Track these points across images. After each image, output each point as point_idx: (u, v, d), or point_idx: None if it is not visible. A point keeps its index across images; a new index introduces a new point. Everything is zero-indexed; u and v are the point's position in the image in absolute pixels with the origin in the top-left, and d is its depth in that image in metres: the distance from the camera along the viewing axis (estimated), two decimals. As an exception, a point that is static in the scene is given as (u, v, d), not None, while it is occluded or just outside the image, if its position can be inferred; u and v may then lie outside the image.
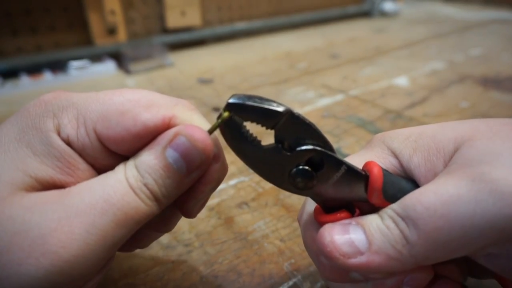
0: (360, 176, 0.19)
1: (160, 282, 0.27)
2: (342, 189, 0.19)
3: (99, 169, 0.19)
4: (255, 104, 0.17)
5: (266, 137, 0.19)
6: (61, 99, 0.18)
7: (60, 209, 0.16)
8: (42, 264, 0.15)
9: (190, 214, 0.21)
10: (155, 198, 0.18)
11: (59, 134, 0.18)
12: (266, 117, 0.17)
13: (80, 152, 0.18)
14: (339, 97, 0.59)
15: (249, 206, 0.34)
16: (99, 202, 0.16)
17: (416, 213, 0.16)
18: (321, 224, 0.20)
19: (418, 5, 1.39)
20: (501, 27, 1.02)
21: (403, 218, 0.17)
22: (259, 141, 0.19)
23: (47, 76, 0.69)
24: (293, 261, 0.28)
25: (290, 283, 0.26)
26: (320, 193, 0.19)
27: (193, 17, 0.88)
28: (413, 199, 0.17)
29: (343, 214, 0.19)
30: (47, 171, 0.17)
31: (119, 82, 0.69)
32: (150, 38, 0.83)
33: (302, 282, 0.26)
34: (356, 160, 0.20)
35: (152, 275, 0.27)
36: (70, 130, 0.18)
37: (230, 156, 0.22)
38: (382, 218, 0.18)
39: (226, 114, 0.17)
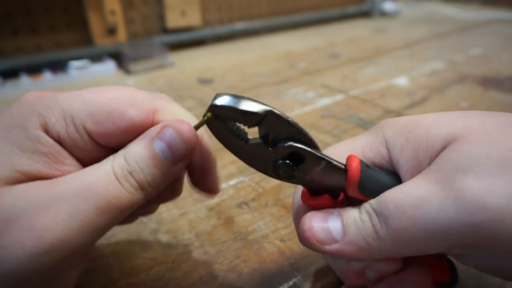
0: (340, 170, 0.20)
1: (161, 281, 0.27)
2: (324, 179, 0.20)
3: (90, 163, 0.20)
4: (236, 107, 0.19)
5: (253, 129, 0.20)
6: (44, 99, 0.19)
7: (46, 196, 0.17)
8: (28, 247, 0.16)
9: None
10: (141, 187, 0.19)
11: (47, 132, 0.18)
12: (247, 118, 0.19)
13: (71, 148, 0.19)
14: (339, 97, 0.59)
15: (249, 206, 0.34)
16: (83, 189, 0.17)
17: (388, 211, 0.18)
18: (306, 205, 0.21)
19: (418, 5, 1.39)
20: (501, 27, 1.02)
21: (377, 214, 0.18)
22: (246, 135, 0.20)
23: (47, 76, 0.69)
24: (293, 261, 0.28)
25: (290, 283, 0.26)
26: (304, 182, 0.21)
27: (193, 17, 0.88)
28: (388, 198, 0.18)
29: (325, 198, 0.21)
30: (34, 166, 0.18)
31: (119, 82, 0.69)
32: (150, 38, 0.83)
33: (302, 282, 0.26)
34: (350, 146, 0.22)
35: (153, 274, 0.27)
36: (59, 128, 0.18)
37: (230, 156, 0.22)
38: (360, 212, 0.19)
39: (209, 114, 0.19)
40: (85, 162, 0.20)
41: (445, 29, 1.02)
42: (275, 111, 0.19)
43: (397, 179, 0.20)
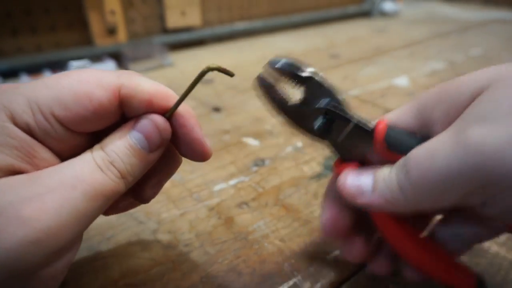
0: (368, 131, 0.22)
1: (160, 282, 0.27)
2: (354, 142, 0.23)
3: (65, 152, 0.20)
4: (286, 69, 0.23)
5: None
6: (6, 91, 0.19)
7: (31, 188, 0.17)
8: (17, 236, 0.16)
9: (145, 200, 0.24)
10: (122, 176, 0.19)
11: (15, 124, 0.18)
12: (294, 79, 0.23)
13: (44, 138, 0.18)
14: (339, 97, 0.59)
15: (249, 206, 0.34)
16: (69, 179, 0.17)
17: (410, 164, 0.19)
18: (336, 172, 0.24)
19: (418, 5, 1.39)
20: (501, 27, 1.02)
21: (401, 169, 0.20)
22: (287, 98, 0.23)
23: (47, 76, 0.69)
24: (293, 261, 0.28)
25: (290, 283, 0.26)
26: (336, 143, 0.23)
27: (193, 17, 0.87)
28: (411, 154, 0.20)
29: (354, 164, 0.23)
30: (7, 160, 0.17)
31: (119, 82, 0.69)
32: (150, 38, 0.83)
33: (302, 282, 0.26)
34: (385, 117, 0.24)
35: (152, 275, 0.27)
36: (27, 118, 0.18)
37: (230, 156, 0.22)
38: (390, 169, 0.21)
39: (205, 68, 0.20)
40: (61, 152, 0.20)
41: (445, 29, 1.02)
42: (317, 77, 0.23)
43: (424, 140, 0.21)
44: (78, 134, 0.20)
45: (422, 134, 0.21)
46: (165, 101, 0.21)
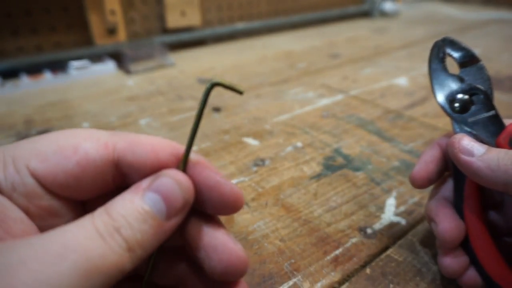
0: (501, 125, 0.24)
1: (160, 282, 0.27)
2: (483, 128, 0.24)
3: (44, 216, 0.16)
4: (462, 45, 0.25)
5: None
6: None
7: (1, 258, 0.12)
8: None
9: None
10: (129, 247, 0.14)
11: None
12: (462, 54, 0.25)
13: (10, 194, 0.15)
14: (339, 97, 0.59)
15: (249, 206, 0.34)
16: (55, 247, 0.13)
17: None
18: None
19: (418, 5, 1.39)
20: (500, 27, 1.02)
21: None
22: (446, 66, 0.26)
23: (47, 76, 0.69)
24: (293, 261, 0.28)
25: (290, 283, 0.26)
26: (466, 123, 0.24)
27: (193, 17, 0.88)
28: None
29: None
30: None
31: (119, 82, 0.69)
32: (150, 38, 0.83)
33: (302, 282, 0.27)
34: None
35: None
36: None
37: (230, 156, 0.22)
38: (507, 152, 0.21)
39: (209, 87, 0.17)
40: (31, 214, 0.16)
41: (445, 29, 1.02)
42: (480, 64, 0.25)
43: None
44: (66, 201, 0.17)
45: None
46: (171, 150, 0.17)
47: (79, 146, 0.16)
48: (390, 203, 0.34)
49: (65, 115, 0.56)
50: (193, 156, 0.18)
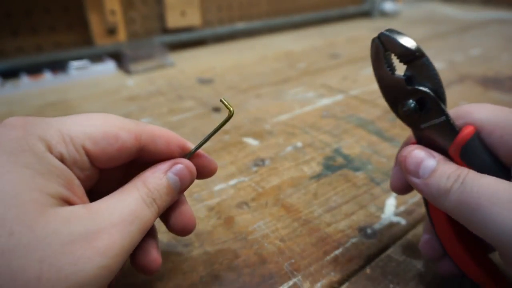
0: (453, 130, 0.22)
1: (160, 282, 0.27)
2: (434, 135, 0.22)
3: (82, 181, 0.21)
4: (399, 40, 0.21)
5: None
6: (37, 123, 0.20)
7: (94, 222, 0.18)
8: (95, 261, 0.17)
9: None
10: (158, 212, 0.21)
11: (52, 153, 0.19)
12: (404, 53, 0.21)
13: (72, 167, 0.20)
14: (339, 97, 0.59)
15: (249, 206, 0.34)
16: (128, 215, 0.19)
17: (471, 191, 0.19)
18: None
19: (418, 5, 1.39)
20: (500, 27, 1.02)
21: (462, 183, 0.20)
22: (393, 69, 0.23)
23: (47, 76, 0.69)
24: (293, 261, 0.28)
25: (290, 283, 0.26)
26: (417, 130, 0.23)
27: (193, 17, 0.88)
28: (481, 181, 0.19)
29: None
30: (55, 188, 0.18)
31: (119, 82, 0.69)
32: (150, 38, 0.83)
33: (302, 282, 0.27)
34: (489, 111, 0.22)
35: (152, 275, 0.27)
36: (61, 148, 0.19)
37: (230, 156, 0.22)
38: (455, 169, 0.21)
39: (231, 112, 0.23)
40: (83, 183, 0.21)
41: (445, 29, 1.02)
42: (425, 60, 0.21)
43: (497, 164, 0.21)
44: (96, 168, 0.21)
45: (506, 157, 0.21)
46: (177, 142, 0.24)
47: (119, 136, 0.21)
48: (390, 203, 0.34)
49: (65, 115, 0.55)
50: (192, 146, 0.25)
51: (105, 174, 0.23)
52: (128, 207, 0.20)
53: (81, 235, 0.17)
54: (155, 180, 0.22)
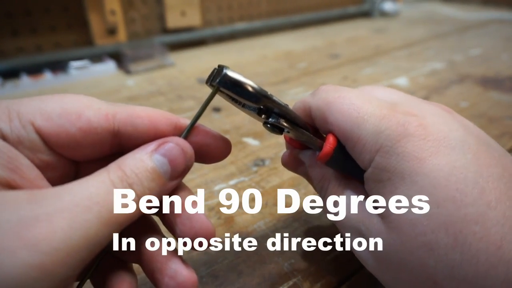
0: (316, 146, 0.24)
1: (161, 282, 0.27)
2: (304, 145, 0.25)
3: (43, 168, 0.18)
4: (243, 86, 0.21)
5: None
6: None
7: (35, 207, 0.14)
8: (19, 257, 0.13)
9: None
10: (138, 201, 0.17)
11: None
12: (247, 97, 0.21)
13: (16, 146, 0.17)
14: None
15: (249, 206, 0.34)
16: (82, 200, 0.15)
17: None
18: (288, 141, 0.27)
19: (418, 5, 1.39)
20: (500, 27, 1.02)
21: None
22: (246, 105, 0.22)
23: (48, 76, 0.69)
24: (293, 261, 0.28)
25: (290, 283, 0.26)
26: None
27: (193, 17, 0.88)
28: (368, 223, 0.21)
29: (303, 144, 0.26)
30: None
31: (119, 82, 0.69)
32: (150, 38, 0.83)
33: (302, 282, 0.27)
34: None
35: None
36: (1, 124, 0.17)
37: (230, 156, 0.22)
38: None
39: (215, 89, 0.21)
40: (49, 178, 0.18)
41: (445, 29, 1.02)
42: (269, 102, 0.22)
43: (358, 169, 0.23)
44: (64, 158, 0.18)
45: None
46: (167, 120, 0.20)
47: (83, 113, 0.18)
48: (390, 203, 0.34)
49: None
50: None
51: (86, 169, 0.19)
52: (86, 190, 0.15)
53: (10, 224, 0.13)
54: (135, 162, 0.17)
